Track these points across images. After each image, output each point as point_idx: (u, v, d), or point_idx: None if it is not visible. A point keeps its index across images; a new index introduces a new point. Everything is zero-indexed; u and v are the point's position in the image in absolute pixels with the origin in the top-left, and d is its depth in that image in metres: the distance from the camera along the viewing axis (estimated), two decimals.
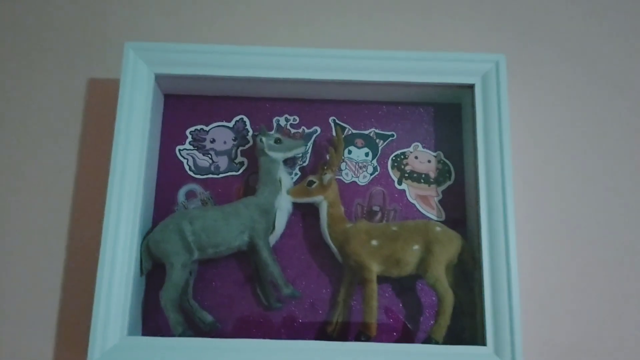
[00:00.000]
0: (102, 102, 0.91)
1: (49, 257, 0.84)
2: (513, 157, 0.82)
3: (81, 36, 0.94)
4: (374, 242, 0.79)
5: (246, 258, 0.83)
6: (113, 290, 0.75)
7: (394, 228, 0.80)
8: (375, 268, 0.79)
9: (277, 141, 0.83)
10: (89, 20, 0.95)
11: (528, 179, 0.88)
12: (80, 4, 0.95)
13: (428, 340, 0.77)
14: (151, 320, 0.81)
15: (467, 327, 0.79)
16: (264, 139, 0.83)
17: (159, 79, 0.84)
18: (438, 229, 0.80)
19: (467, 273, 0.80)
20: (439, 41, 0.94)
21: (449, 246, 0.79)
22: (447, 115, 0.89)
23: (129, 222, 0.78)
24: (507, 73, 0.82)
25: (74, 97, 0.91)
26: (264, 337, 0.79)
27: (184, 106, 0.89)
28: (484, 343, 0.75)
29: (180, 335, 0.76)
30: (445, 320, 0.77)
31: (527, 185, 0.87)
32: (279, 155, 0.83)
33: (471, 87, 0.83)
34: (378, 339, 0.79)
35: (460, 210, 0.85)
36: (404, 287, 0.83)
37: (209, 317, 0.80)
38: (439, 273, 0.77)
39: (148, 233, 0.81)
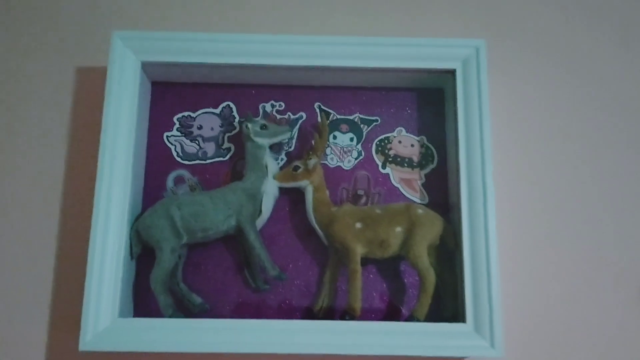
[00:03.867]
0: (89, 90, 0.92)
1: (40, 243, 0.86)
2: (493, 141, 0.84)
3: (68, 24, 0.95)
4: (359, 225, 0.81)
5: (234, 241, 0.85)
6: (104, 274, 0.77)
7: (378, 211, 0.83)
8: (359, 250, 0.81)
9: (263, 127, 0.85)
10: (76, 9, 0.95)
11: (508, 162, 0.90)
12: None
13: (410, 318, 0.79)
14: (142, 302, 0.83)
15: (448, 305, 0.82)
16: (250, 125, 0.85)
17: (146, 66, 0.85)
18: (420, 211, 0.82)
19: (448, 253, 0.83)
20: (420, 27, 0.95)
21: (430, 228, 0.81)
22: (430, 100, 0.91)
23: (119, 207, 0.79)
24: (487, 58, 0.84)
25: (61, 86, 0.92)
26: (252, 318, 0.81)
27: (171, 93, 0.90)
28: (464, 321, 0.77)
29: (170, 317, 0.78)
30: (427, 299, 0.79)
31: (506, 169, 0.90)
32: (265, 141, 0.85)
33: (452, 72, 0.85)
34: (362, 318, 0.81)
35: (443, 193, 0.88)
36: (388, 267, 0.85)
37: (198, 299, 0.82)
38: (421, 254, 0.80)
39: (137, 218, 0.83)
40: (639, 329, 0.85)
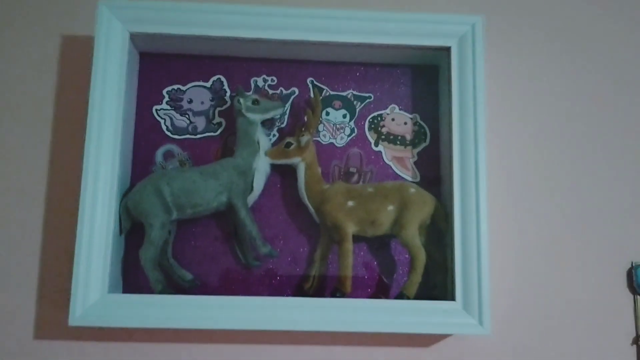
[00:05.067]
0: (75, 59, 0.89)
1: (27, 218, 0.85)
2: (487, 120, 0.84)
3: None
4: (350, 203, 0.81)
5: (225, 217, 0.84)
6: (93, 249, 0.76)
7: (370, 189, 0.82)
8: (350, 228, 0.81)
9: (255, 102, 0.84)
10: None
11: (501, 141, 0.90)
12: None
13: (400, 296, 0.80)
14: (131, 278, 0.82)
15: (437, 283, 0.82)
16: (241, 100, 0.83)
17: (134, 37, 0.83)
18: (412, 190, 0.82)
19: (439, 232, 0.83)
20: (415, 2, 0.93)
21: (422, 207, 0.81)
22: (424, 77, 0.90)
23: (107, 181, 0.78)
24: (483, 36, 0.83)
25: (46, 55, 0.89)
26: (242, 295, 0.81)
27: (160, 65, 0.88)
28: (453, 298, 0.78)
29: (160, 293, 0.78)
30: (417, 277, 0.80)
31: (500, 148, 0.89)
32: (257, 117, 0.84)
33: (447, 49, 0.84)
34: (353, 295, 0.82)
35: (434, 171, 0.87)
36: (378, 245, 0.85)
37: (188, 275, 0.82)
38: (412, 233, 0.80)
39: (126, 193, 0.81)
40: (624, 309, 0.86)
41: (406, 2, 0.93)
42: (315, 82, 0.89)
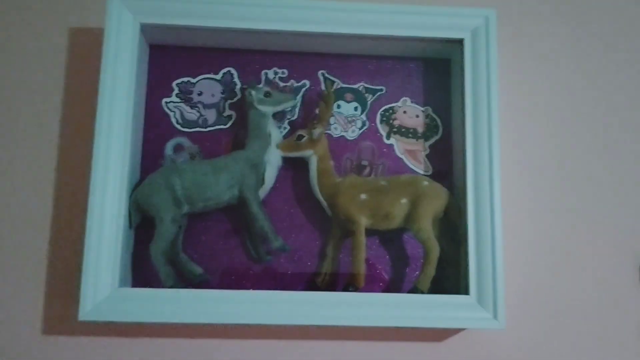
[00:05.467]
0: (85, 51, 0.88)
1: (36, 211, 0.84)
2: (501, 113, 0.83)
3: None
4: (363, 197, 0.80)
5: (236, 211, 0.83)
6: (103, 243, 0.75)
7: (383, 183, 0.82)
8: (363, 222, 0.80)
9: (267, 95, 0.83)
10: None
11: (515, 135, 0.89)
12: None
13: (413, 290, 0.79)
14: (141, 272, 0.81)
15: (451, 277, 0.81)
16: (253, 92, 0.82)
17: (144, 29, 0.82)
18: (425, 183, 0.81)
19: (452, 225, 0.82)
20: None
21: (435, 200, 0.80)
22: (436, 70, 0.89)
23: (117, 175, 0.77)
24: (497, 28, 0.82)
25: (55, 47, 0.88)
26: (253, 289, 0.80)
27: (169, 57, 0.87)
28: (467, 292, 0.77)
29: (170, 288, 0.77)
30: (431, 271, 0.79)
31: (513, 142, 0.89)
32: (269, 109, 0.83)
33: (460, 42, 0.83)
34: (365, 289, 0.81)
35: (447, 164, 0.87)
36: (391, 238, 0.85)
37: (198, 270, 0.81)
38: (426, 226, 0.79)
39: (136, 186, 0.81)
40: (636, 307, 0.86)
41: None
42: (326, 75, 0.88)
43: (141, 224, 0.81)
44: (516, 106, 0.90)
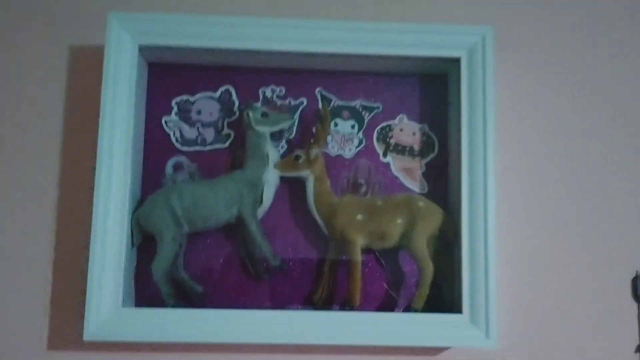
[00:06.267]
0: (84, 70, 0.89)
1: (40, 231, 0.85)
2: (497, 133, 0.84)
3: (61, 2, 0.90)
4: (360, 217, 0.82)
5: (235, 230, 0.85)
6: (106, 263, 0.77)
7: (379, 202, 0.83)
8: (360, 241, 0.82)
9: (264, 115, 0.84)
10: None
11: (510, 154, 0.90)
12: None
13: (408, 308, 0.81)
14: (144, 290, 0.83)
15: (445, 296, 0.83)
16: (250, 113, 0.83)
17: (143, 49, 0.82)
18: (421, 203, 0.83)
19: (447, 244, 0.84)
20: (421, 13, 0.93)
21: (431, 220, 0.82)
22: (433, 86, 0.90)
23: (119, 195, 0.79)
24: (493, 45, 0.83)
25: (55, 64, 0.89)
26: (252, 307, 0.83)
27: (168, 76, 0.88)
28: (460, 311, 0.79)
29: (172, 307, 0.79)
30: (425, 290, 0.81)
31: (509, 161, 0.89)
32: (266, 129, 0.84)
33: (457, 60, 0.84)
34: (361, 307, 0.83)
35: (443, 182, 0.88)
36: (387, 257, 0.86)
37: (199, 288, 0.83)
38: (421, 246, 0.81)
39: (137, 206, 0.82)
40: (629, 317, 0.88)
41: (411, 13, 0.92)
42: (323, 93, 0.89)
43: (143, 243, 0.82)
44: (512, 125, 0.91)
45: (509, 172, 0.89)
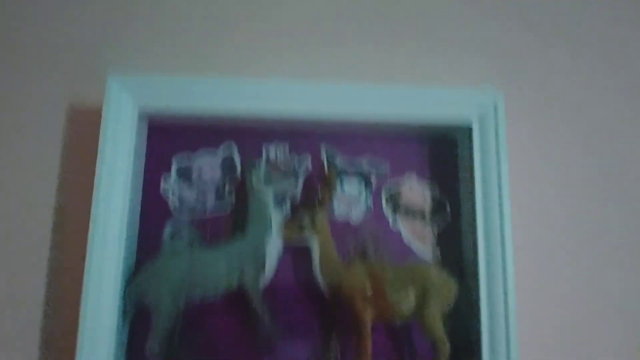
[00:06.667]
0: (82, 130, 0.86)
1: (30, 303, 0.80)
2: (512, 200, 0.80)
3: (61, 61, 0.89)
4: (369, 289, 0.77)
5: (236, 301, 0.80)
6: (97, 336, 0.72)
7: (389, 272, 0.78)
8: (369, 315, 0.76)
9: (267, 177, 0.80)
10: (69, 44, 0.89)
11: (527, 221, 0.86)
12: (59, 26, 0.90)
13: None
14: None
15: None
16: (253, 175, 0.80)
17: (144, 109, 0.80)
18: (434, 274, 0.77)
19: (463, 317, 0.78)
20: (428, 76, 0.90)
21: (445, 292, 0.77)
22: (442, 148, 0.86)
23: (112, 265, 0.74)
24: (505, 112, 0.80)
25: (52, 126, 0.86)
26: None
27: (167, 135, 0.84)
28: None
29: None
30: None
31: (526, 229, 0.85)
32: (269, 192, 0.80)
33: (468, 130, 0.80)
34: None
35: (456, 248, 0.83)
36: (399, 330, 0.81)
37: None
38: (436, 322, 0.75)
39: (132, 276, 0.77)
40: None
41: (417, 76, 0.90)
42: (328, 153, 0.86)
43: (137, 315, 0.77)
44: (528, 192, 0.87)
45: (527, 242, 0.85)
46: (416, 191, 0.86)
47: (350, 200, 0.85)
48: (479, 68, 0.90)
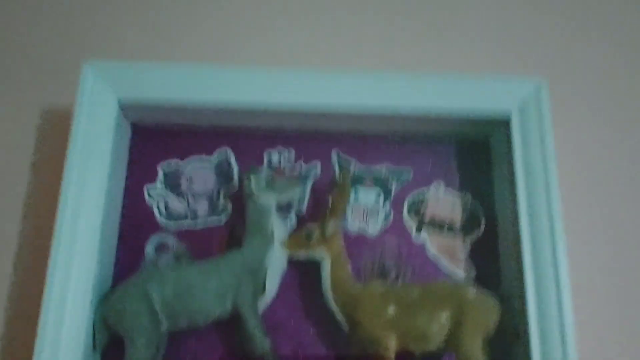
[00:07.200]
0: (57, 136, 0.75)
1: None
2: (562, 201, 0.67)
3: (34, 59, 0.79)
4: (391, 311, 0.63)
5: (229, 326, 0.66)
6: None
7: (416, 292, 0.64)
8: (392, 343, 0.62)
9: (269, 182, 0.68)
10: (44, 40, 0.79)
11: (580, 225, 0.72)
12: (35, 21, 0.80)
13: None
14: None
15: None
16: (252, 179, 0.67)
17: (124, 106, 0.68)
18: (472, 293, 0.64)
19: (506, 347, 0.64)
20: (462, 63, 0.79)
21: (485, 315, 0.63)
22: (473, 152, 0.74)
23: (80, 284, 0.61)
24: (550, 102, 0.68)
25: (24, 130, 0.75)
26: None
27: (155, 138, 0.73)
28: None
29: None
30: None
31: (579, 234, 0.72)
32: (271, 200, 0.68)
33: (506, 123, 0.68)
34: None
35: (493, 266, 0.70)
36: None
37: None
38: (475, 350, 0.61)
39: (106, 297, 0.64)
40: None
41: (448, 64, 0.79)
42: (341, 155, 0.74)
43: (111, 343, 0.64)
44: (576, 193, 0.74)
45: (581, 249, 0.71)
46: (444, 201, 0.73)
47: (366, 211, 0.72)
48: (515, 55, 0.79)
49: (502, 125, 0.69)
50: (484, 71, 0.77)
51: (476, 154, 0.74)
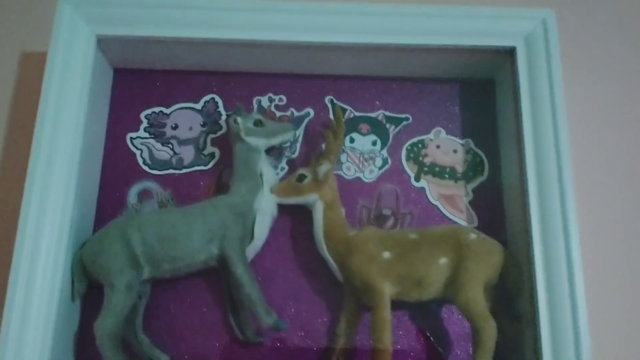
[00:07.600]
0: (37, 79, 0.71)
1: None
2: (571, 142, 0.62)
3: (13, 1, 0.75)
4: (387, 255, 0.59)
5: (216, 275, 0.63)
6: (29, 321, 0.55)
7: (413, 236, 0.60)
8: (388, 290, 0.58)
9: (258, 123, 0.64)
10: None
11: (590, 166, 0.68)
12: None
13: None
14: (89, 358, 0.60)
15: None
16: (240, 120, 0.63)
17: (104, 44, 0.65)
18: (472, 236, 0.60)
19: (510, 295, 0.60)
20: None
21: (487, 260, 0.59)
22: (476, 92, 0.70)
23: (55, 228, 0.58)
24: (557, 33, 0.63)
25: (1, 73, 0.72)
26: None
27: (138, 83, 0.70)
28: None
29: None
30: (486, 357, 0.56)
31: (589, 176, 0.68)
32: (260, 142, 0.64)
33: (510, 52, 0.64)
34: None
35: (497, 213, 0.66)
36: (426, 313, 0.63)
37: (164, 357, 0.60)
38: (476, 296, 0.57)
39: (85, 242, 0.61)
40: None
41: None
42: (335, 101, 0.70)
43: (91, 293, 0.60)
44: (586, 134, 0.69)
45: (592, 195, 0.67)
46: (445, 148, 0.69)
47: (362, 157, 0.68)
48: None
49: (507, 59, 0.65)
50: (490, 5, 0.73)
51: (480, 95, 0.70)
